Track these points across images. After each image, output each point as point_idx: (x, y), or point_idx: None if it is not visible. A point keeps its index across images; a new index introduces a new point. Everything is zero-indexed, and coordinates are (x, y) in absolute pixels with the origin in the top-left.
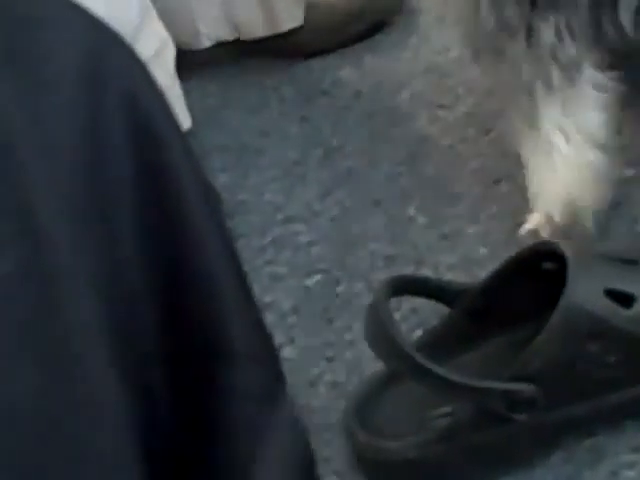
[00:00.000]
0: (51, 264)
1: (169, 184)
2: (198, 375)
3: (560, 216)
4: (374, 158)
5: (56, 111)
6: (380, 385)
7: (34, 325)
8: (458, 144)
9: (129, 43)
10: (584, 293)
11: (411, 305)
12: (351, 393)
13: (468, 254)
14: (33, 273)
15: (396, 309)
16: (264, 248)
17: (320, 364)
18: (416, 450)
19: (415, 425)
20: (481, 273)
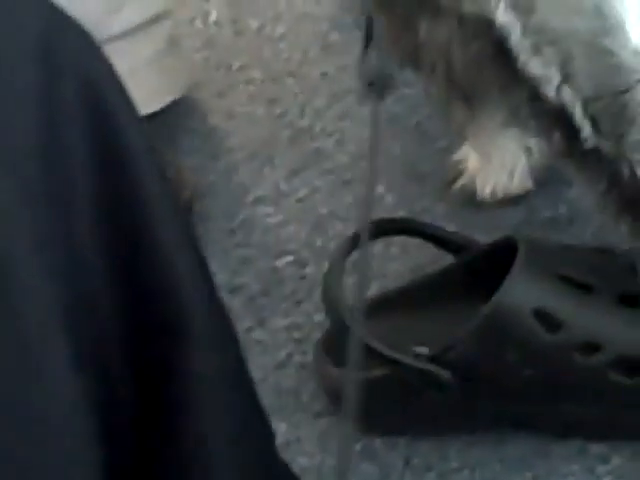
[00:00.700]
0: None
1: (126, 167)
2: (157, 358)
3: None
4: (342, 138)
5: (10, 92)
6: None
7: None
8: (425, 122)
9: (84, 26)
10: (516, 301)
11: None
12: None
13: None
14: None
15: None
16: (233, 230)
17: (289, 346)
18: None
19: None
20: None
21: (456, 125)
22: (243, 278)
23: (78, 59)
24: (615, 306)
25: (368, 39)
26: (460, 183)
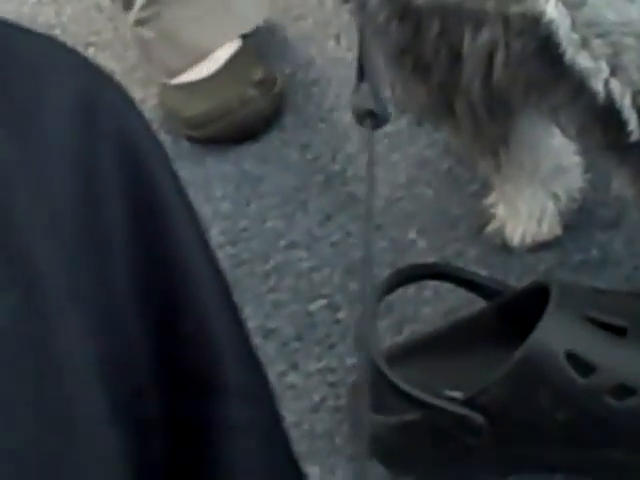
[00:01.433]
0: (44, 308)
1: (162, 223)
2: (191, 410)
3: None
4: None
5: (50, 156)
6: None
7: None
8: (456, 167)
9: (120, 84)
10: (548, 345)
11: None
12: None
13: None
14: (26, 318)
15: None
16: (267, 275)
17: (323, 389)
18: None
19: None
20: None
21: (484, 174)
22: (276, 322)
23: (115, 117)
24: None
25: (362, 72)
26: (491, 228)
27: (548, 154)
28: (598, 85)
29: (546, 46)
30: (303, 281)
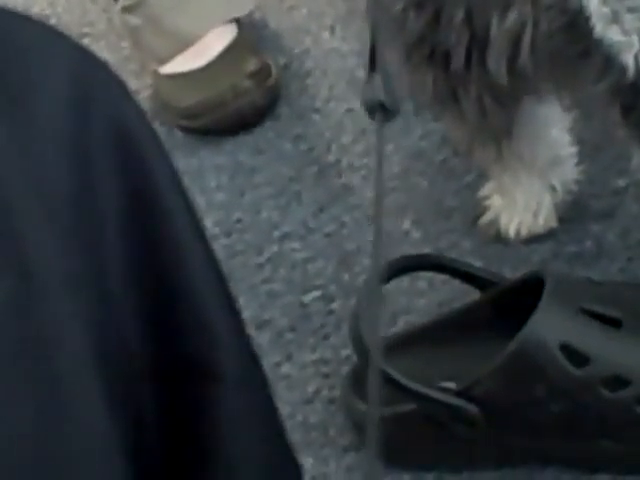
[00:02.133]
0: (38, 293)
1: (155, 208)
2: (187, 399)
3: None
4: (368, 174)
5: (44, 141)
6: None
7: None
8: (451, 158)
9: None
10: (543, 336)
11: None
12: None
13: None
14: (19, 303)
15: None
16: (261, 266)
17: (317, 380)
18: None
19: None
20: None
21: (481, 165)
22: (270, 313)
23: (109, 102)
24: None
25: (373, 63)
26: (486, 219)
27: (546, 145)
28: (629, 60)
29: (574, 21)
30: (297, 272)
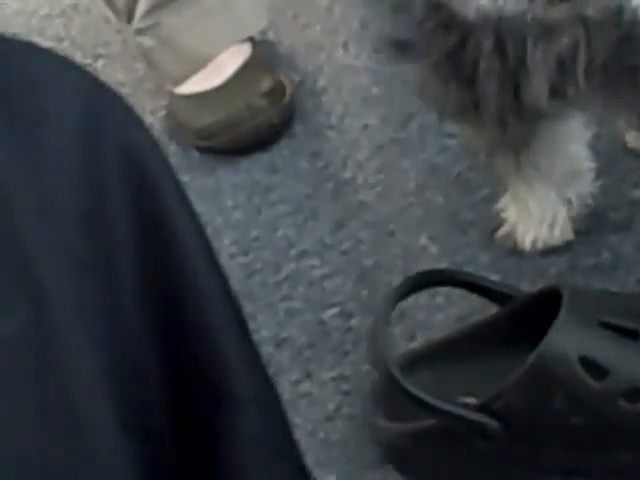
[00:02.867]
0: (53, 324)
1: (168, 235)
2: (201, 421)
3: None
4: (384, 190)
5: (54, 172)
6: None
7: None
8: (466, 172)
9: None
10: (561, 349)
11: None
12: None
13: None
14: (35, 335)
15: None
16: (279, 284)
17: (337, 398)
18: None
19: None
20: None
21: (500, 175)
22: (289, 331)
23: (119, 131)
24: None
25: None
26: (502, 232)
27: (564, 158)
28: None
29: (630, 34)
30: (315, 289)
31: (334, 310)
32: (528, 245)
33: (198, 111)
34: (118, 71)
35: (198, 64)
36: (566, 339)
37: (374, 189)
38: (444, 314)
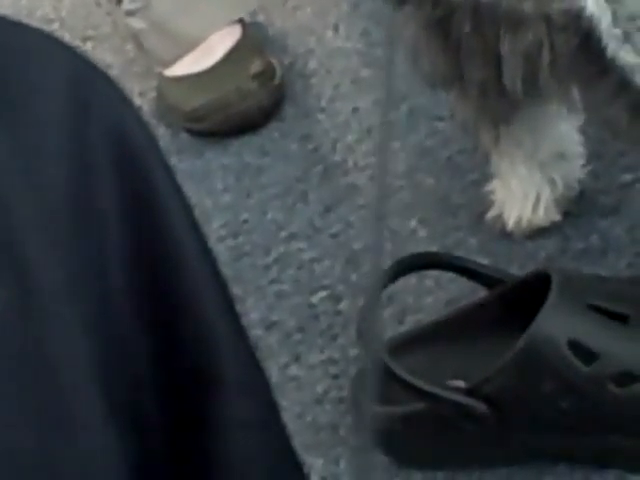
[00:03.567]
0: (38, 301)
1: (155, 214)
2: (189, 406)
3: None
4: (374, 173)
5: (42, 144)
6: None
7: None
8: (456, 155)
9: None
10: (550, 333)
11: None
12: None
13: None
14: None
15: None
16: (268, 267)
17: (325, 381)
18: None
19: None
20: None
21: (484, 147)
22: (278, 314)
23: (108, 108)
24: None
25: None
26: (490, 215)
27: (551, 139)
28: None
29: (588, 42)
30: (304, 272)
31: (323, 293)
32: (512, 224)
33: (188, 93)
34: (107, 53)
35: (188, 46)
36: (555, 323)
37: (364, 172)
38: (433, 297)
